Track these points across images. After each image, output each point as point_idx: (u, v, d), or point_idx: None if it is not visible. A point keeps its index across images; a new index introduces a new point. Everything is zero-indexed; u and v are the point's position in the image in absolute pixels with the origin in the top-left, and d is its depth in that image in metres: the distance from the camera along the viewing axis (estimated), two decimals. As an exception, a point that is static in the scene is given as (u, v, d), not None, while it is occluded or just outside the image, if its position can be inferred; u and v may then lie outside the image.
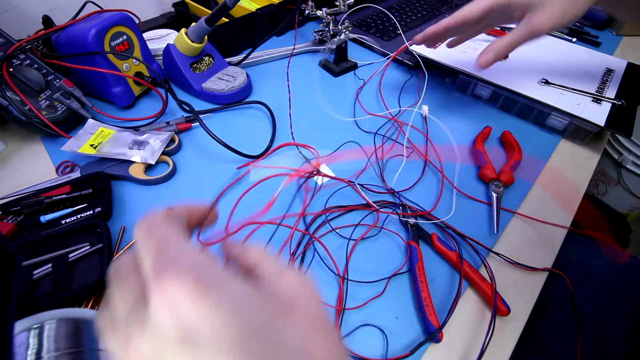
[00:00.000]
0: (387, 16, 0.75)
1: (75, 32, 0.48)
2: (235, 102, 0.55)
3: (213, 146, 0.46)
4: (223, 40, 0.63)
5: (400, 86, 0.59)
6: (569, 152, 0.49)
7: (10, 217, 0.39)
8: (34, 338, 0.22)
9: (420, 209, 0.40)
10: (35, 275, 0.34)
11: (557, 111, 0.49)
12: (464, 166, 0.46)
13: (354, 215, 0.40)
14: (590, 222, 0.44)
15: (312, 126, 0.51)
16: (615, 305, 0.44)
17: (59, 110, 0.48)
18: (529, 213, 0.41)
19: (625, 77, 0.56)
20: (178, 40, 0.53)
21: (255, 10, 0.65)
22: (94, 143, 0.45)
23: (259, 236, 0.38)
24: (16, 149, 0.49)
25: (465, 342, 0.31)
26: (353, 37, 0.69)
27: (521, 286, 0.35)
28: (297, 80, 0.60)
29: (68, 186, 0.42)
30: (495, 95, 0.54)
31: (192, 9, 0.69)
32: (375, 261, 0.36)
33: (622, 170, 0.92)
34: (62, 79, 0.49)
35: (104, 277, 0.33)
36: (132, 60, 0.52)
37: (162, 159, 0.46)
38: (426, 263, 0.36)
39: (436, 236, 0.37)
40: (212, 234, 0.38)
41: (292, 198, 0.41)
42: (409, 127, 0.50)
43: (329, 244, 0.37)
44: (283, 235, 0.38)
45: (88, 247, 0.36)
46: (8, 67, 0.45)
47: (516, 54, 0.58)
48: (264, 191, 0.42)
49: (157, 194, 0.43)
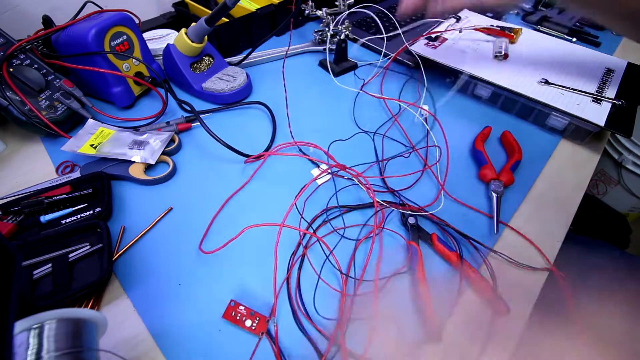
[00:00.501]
0: (387, 16, 0.75)
1: (75, 32, 0.48)
2: (235, 102, 0.55)
3: (213, 146, 0.46)
4: (223, 40, 0.63)
5: (400, 86, 0.59)
6: (569, 152, 0.49)
7: (10, 217, 0.39)
8: (34, 338, 0.22)
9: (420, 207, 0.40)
10: (35, 275, 0.34)
11: (557, 111, 0.49)
12: (464, 166, 0.46)
13: (355, 214, 0.40)
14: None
15: (312, 126, 0.51)
16: (611, 304, 0.44)
17: (59, 110, 0.48)
18: (529, 213, 0.41)
19: (625, 77, 0.56)
20: (178, 40, 0.53)
21: (255, 10, 0.65)
22: (94, 143, 0.45)
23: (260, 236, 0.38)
24: (16, 149, 0.49)
25: (465, 342, 0.31)
26: (353, 37, 0.70)
27: (521, 286, 0.35)
28: (297, 80, 0.60)
29: (68, 186, 0.42)
30: (495, 95, 0.54)
31: (192, 9, 0.69)
32: (375, 261, 0.36)
33: (622, 170, 0.92)
34: (62, 79, 0.49)
35: (104, 277, 0.33)
36: (132, 60, 0.52)
37: (162, 159, 0.46)
38: (426, 263, 0.36)
39: (436, 236, 0.37)
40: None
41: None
42: (409, 126, 0.50)
43: (330, 244, 0.38)
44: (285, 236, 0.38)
45: (88, 247, 0.36)
46: (8, 67, 0.45)
47: (516, 54, 0.58)
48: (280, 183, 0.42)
49: (157, 194, 0.43)
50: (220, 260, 0.36)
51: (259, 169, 0.45)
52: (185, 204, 0.42)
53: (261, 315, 0.31)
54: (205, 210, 0.40)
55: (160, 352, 0.30)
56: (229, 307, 0.32)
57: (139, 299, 0.34)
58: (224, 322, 0.32)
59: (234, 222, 0.39)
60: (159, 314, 0.33)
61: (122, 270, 0.36)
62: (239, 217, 0.40)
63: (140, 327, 0.32)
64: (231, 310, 0.32)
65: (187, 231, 0.39)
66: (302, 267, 0.36)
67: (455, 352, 0.31)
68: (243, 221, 0.39)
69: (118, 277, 0.35)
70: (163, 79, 0.54)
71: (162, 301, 0.33)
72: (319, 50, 0.67)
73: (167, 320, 0.32)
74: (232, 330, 0.31)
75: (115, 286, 0.35)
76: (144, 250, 0.37)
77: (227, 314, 0.31)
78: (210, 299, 0.33)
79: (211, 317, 0.32)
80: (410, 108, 0.54)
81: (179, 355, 0.30)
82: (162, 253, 0.37)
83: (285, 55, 0.60)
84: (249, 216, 0.40)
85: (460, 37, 0.64)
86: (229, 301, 0.32)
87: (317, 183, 0.43)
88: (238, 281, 0.35)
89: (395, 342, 0.16)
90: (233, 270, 0.36)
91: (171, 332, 0.31)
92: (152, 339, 0.31)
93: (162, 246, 0.38)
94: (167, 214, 0.40)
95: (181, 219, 0.40)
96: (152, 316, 0.32)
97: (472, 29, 0.65)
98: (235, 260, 0.36)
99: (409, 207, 0.40)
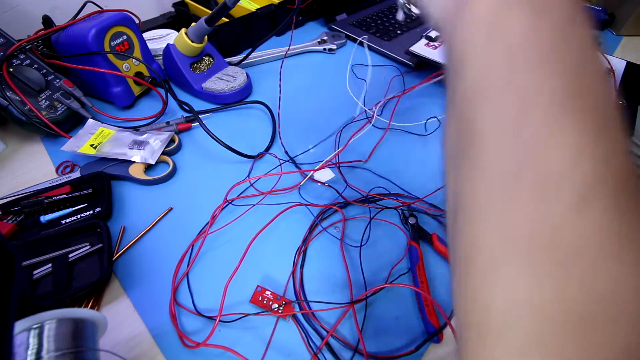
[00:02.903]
0: (387, 16, 0.75)
1: (75, 32, 0.48)
2: (235, 102, 0.55)
3: (213, 146, 0.46)
4: (223, 40, 0.63)
5: (401, 88, 0.59)
6: (569, 152, 0.49)
7: (10, 217, 0.39)
8: (34, 338, 0.22)
9: (421, 208, 0.40)
10: (35, 275, 0.34)
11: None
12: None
13: (355, 212, 0.40)
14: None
15: (312, 126, 0.51)
16: None
17: (59, 110, 0.48)
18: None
19: (625, 77, 0.56)
20: (178, 40, 0.53)
21: (255, 10, 0.65)
22: (94, 143, 0.45)
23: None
24: (16, 149, 0.49)
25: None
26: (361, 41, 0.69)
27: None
28: (298, 80, 0.60)
29: (68, 186, 0.42)
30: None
31: (192, 9, 0.69)
32: (376, 261, 0.36)
33: (622, 170, 0.92)
34: (62, 79, 0.49)
35: (104, 277, 0.33)
36: (132, 60, 0.52)
37: (162, 159, 0.46)
38: (426, 263, 0.36)
39: (436, 236, 0.37)
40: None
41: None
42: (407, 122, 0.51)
43: (330, 243, 0.38)
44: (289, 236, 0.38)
45: (88, 247, 0.36)
46: (8, 67, 0.45)
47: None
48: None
49: (157, 194, 0.43)
50: (221, 260, 0.36)
51: (260, 168, 0.45)
52: (185, 204, 0.41)
53: (287, 300, 0.33)
54: (205, 210, 0.40)
55: (160, 352, 0.30)
56: (255, 292, 0.33)
57: (139, 299, 0.34)
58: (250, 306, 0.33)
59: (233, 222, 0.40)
60: (159, 314, 0.33)
61: (122, 270, 0.36)
62: (240, 217, 0.40)
63: (140, 327, 0.32)
64: (258, 295, 0.33)
65: (187, 231, 0.39)
66: (304, 263, 0.36)
67: (455, 352, 0.31)
68: (243, 221, 0.39)
69: (118, 277, 0.35)
70: (163, 79, 0.54)
71: (162, 301, 0.33)
72: (319, 50, 0.67)
73: (167, 320, 0.32)
74: (233, 330, 0.31)
75: (115, 286, 0.35)
76: (144, 250, 0.37)
77: (254, 299, 0.33)
78: (211, 299, 0.33)
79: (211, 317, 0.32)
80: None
81: (179, 355, 0.30)
82: (162, 253, 0.37)
83: (284, 55, 0.60)
84: (249, 217, 0.40)
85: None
86: (256, 286, 0.33)
87: (323, 181, 0.43)
88: (238, 282, 0.35)
89: None
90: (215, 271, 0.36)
91: (171, 332, 0.31)
92: (152, 339, 0.31)
93: (162, 246, 0.38)
94: (168, 214, 0.40)
95: (181, 219, 0.40)
96: (152, 316, 0.32)
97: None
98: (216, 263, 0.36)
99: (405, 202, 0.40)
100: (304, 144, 0.48)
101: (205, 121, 0.50)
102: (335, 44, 0.67)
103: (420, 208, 0.40)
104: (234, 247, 0.37)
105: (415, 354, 0.30)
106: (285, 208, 0.39)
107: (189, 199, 0.42)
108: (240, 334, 0.31)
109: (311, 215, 0.40)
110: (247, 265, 0.35)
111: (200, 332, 0.31)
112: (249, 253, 0.35)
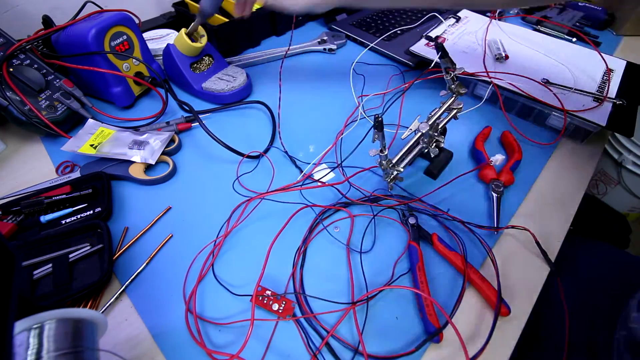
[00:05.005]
0: (387, 16, 0.75)
1: (75, 32, 0.48)
2: (235, 102, 0.55)
3: (213, 146, 0.46)
4: (223, 40, 0.63)
5: (401, 88, 0.59)
6: (569, 152, 0.49)
7: (10, 217, 0.39)
8: (34, 338, 0.22)
9: (423, 208, 0.40)
10: (35, 275, 0.34)
11: (557, 111, 0.49)
12: (465, 166, 0.46)
13: (356, 212, 0.40)
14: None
15: (312, 126, 0.51)
16: (605, 300, 0.44)
17: (59, 110, 0.48)
18: (529, 213, 0.41)
19: (626, 77, 0.56)
20: (178, 40, 0.53)
21: (255, 10, 0.65)
22: (94, 143, 0.45)
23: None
24: (16, 149, 0.49)
25: (466, 342, 0.31)
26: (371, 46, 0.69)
27: (521, 286, 0.35)
28: (298, 80, 0.60)
29: (68, 186, 0.42)
30: (495, 95, 0.54)
31: (192, 9, 0.69)
32: (376, 261, 0.36)
33: (622, 170, 0.92)
34: (62, 79, 0.49)
35: (104, 277, 0.33)
36: (132, 60, 0.52)
37: (162, 159, 0.46)
38: (426, 263, 0.36)
39: (436, 236, 0.37)
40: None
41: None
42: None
43: (330, 243, 0.38)
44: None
45: (88, 247, 0.36)
46: (8, 67, 0.45)
47: (516, 54, 0.58)
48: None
49: (157, 194, 0.43)
50: (221, 260, 0.36)
51: (259, 169, 0.45)
52: (185, 204, 0.41)
53: (287, 300, 0.33)
54: (205, 210, 0.40)
55: (160, 352, 0.30)
56: (256, 292, 0.33)
57: (139, 299, 0.34)
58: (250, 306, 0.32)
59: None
60: (159, 314, 0.33)
61: (122, 270, 0.36)
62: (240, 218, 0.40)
63: (141, 327, 0.32)
64: (258, 295, 0.33)
65: (187, 231, 0.39)
66: (304, 263, 0.36)
67: (455, 352, 0.31)
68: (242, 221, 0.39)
69: (118, 277, 0.35)
70: (163, 79, 0.54)
71: (162, 301, 0.33)
72: (319, 50, 0.67)
73: (167, 320, 0.32)
74: (232, 330, 0.31)
75: (115, 286, 0.35)
76: (143, 250, 0.37)
77: (255, 298, 0.32)
78: (210, 299, 0.33)
79: (213, 316, 0.32)
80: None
81: (179, 355, 0.30)
82: (162, 253, 0.37)
83: (284, 55, 0.60)
84: (250, 218, 0.40)
85: (460, 37, 0.64)
86: (256, 286, 0.33)
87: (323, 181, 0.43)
88: (239, 281, 0.35)
89: None
90: (232, 270, 0.36)
91: (171, 332, 0.31)
92: (152, 339, 0.31)
93: (162, 246, 0.38)
94: (168, 214, 0.40)
95: (181, 218, 0.40)
96: (152, 316, 0.32)
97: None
98: (235, 261, 0.36)
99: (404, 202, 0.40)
100: (304, 144, 0.48)
101: (205, 121, 0.50)
102: (335, 44, 0.67)
103: (420, 208, 0.40)
104: (239, 249, 0.37)
105: (415, 354, 0.30)
106: (295, 211, 0.39)
107: (189, 199, 0.42)
108: (240, 334, 0.31)
109: (311, 215, 0.40)
110: (248, 265, 0.35)
111: (202, 333, 0.31)
112: (249, 253, 0.35)
